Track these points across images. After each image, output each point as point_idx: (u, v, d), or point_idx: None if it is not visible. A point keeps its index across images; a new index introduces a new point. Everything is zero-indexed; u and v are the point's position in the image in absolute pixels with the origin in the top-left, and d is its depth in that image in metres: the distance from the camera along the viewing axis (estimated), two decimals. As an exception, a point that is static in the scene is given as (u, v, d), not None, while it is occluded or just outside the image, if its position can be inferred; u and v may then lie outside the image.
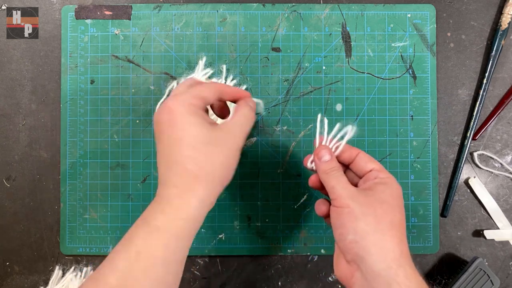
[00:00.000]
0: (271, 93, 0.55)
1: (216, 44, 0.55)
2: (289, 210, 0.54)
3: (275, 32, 0.55)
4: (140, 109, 0.54)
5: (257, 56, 0.55)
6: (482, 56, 0.56)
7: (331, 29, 0.55)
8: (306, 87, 0.55)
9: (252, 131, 0.54)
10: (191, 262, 0.54)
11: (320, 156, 0.40)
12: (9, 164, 0.55)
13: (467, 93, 0.55)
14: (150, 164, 0.54)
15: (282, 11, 0.55)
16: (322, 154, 0.40)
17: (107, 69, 0.55)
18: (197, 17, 0.55)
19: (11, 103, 0.55)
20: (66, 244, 0.54)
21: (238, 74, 0.54)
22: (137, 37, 0.55)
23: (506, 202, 0.55)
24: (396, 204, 0.36)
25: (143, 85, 0.55)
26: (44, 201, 0.55)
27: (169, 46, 0.55)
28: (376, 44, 0.55)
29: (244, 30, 0.55)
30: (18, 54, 0.55)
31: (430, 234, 0.54)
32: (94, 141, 0.54)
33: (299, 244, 0.54)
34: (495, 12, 0.56)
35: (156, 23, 0.55)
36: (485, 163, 0.55)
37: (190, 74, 0.52)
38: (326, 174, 0.38)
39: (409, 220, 0.54)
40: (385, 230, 0.34)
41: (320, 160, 0.39)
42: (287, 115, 0.54)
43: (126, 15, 0.55)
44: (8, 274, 0.54)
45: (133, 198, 0.54)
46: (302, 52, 0.55)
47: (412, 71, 0.55)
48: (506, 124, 0.55)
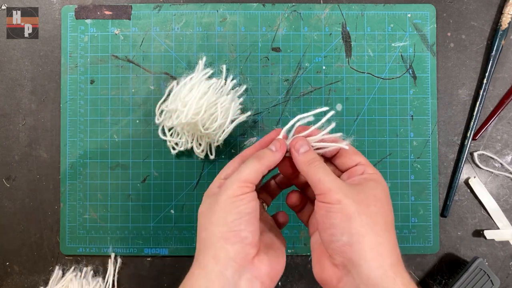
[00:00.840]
0: (271, 93, 0.55)
1: (216, 44, 0.55)
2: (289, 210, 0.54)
3: (275, 32, 0.55)
4: (140, 109, 0.54)
5: (257, 56, 0.55)
6: (482, 56, 0.56)
7: (331, 29, 0.55)
8: (306, 87, 0.54)
9: (252, 130, 0.54)
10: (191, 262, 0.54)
11: (297, 147, 0.34)
12: (9, 164, 0.55)
13: (467, 93, 0.55)
14: (150, 164, 0.54)
15: (282, 11, 0.55)
16: (299, 144, 0.34)
17: (107, 69, 0.55)
18: (197, 17, 0.55)
19: (11, 103, 0.55)
20: (66, 244, 0.54)
21: (238, 74, 0.54)
22: (137, 37, 0.55)
23: (506, 202, 0.55)
24: (387, 202, 0.32)
25: (143, 85, 0.55)
26: (44, 201, 0.55)
27: (169, 46, 0.55)
28: (376, 44, 0.55)
29: (244, 30, 0.55)
30: (18, 54, 0.55)
31: (430, 234, 0.54)
32: (94, 141, 0.54)
33: (299, 244, 0.54)
34: (495, 12, 0.56)
35: (156, 23, 0.55)
36: (485, 163, 0.55)
37: (190, 74, 0.51)
38: (309, 165, 0.33)
39: (409, 220, 0.54)
40: (381, 232, 0.30)
41: (298, 152, 0.34)
42: (287, 115, 0.54)
43: (126, 15, 0.55)
44: (8, 274, 0.54)
45: (133, 198, 0.54)
46: (302, 52, 0.55)
47: (412, 71, 0.55)
48: (506, 124, 0.55)
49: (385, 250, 0.30)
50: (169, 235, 0.54)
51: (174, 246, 0.54)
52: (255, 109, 0.54)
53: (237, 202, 0.32)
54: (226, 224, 0.32)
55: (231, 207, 0.32)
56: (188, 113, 0.48)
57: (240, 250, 0.32)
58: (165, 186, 0.54)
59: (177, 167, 0.54)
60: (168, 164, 0.54)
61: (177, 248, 0.54)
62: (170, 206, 0.54)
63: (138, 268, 0.54)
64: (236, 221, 0.32)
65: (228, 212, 0.32)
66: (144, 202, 0.54)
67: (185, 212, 0.54)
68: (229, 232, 0.32)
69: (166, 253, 0.54)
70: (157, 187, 0.54)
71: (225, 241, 0.31)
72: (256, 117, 0.54)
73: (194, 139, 0.52)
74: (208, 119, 0.49)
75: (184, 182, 0.54)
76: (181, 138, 0.52)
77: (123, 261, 0.54)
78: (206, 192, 0.36)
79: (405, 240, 0.54)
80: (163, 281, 0.54)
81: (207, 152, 0.53)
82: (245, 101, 0.54)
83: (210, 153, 0.53)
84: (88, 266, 0.54)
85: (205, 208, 0.34)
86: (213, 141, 0.52)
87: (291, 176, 0.37)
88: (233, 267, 0.31)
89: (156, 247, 0.54)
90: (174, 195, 0.54)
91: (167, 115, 0.51)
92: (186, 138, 0.52)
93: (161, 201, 0.54)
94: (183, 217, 0.54)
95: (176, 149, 0.53)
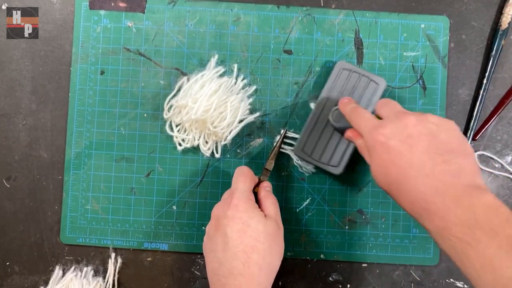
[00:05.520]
0: (280, 95, 0.55)
1: (228, 43, 0.55)
2: (291, 213, 0.54)
3: (288, 34, 0.55)
4: (149, 103, 0.54)
5: (268, 58, 0.55)
6: (482, 56, 0.56)
7: (344, 35, 0.55)
8: (316, 91, 0.54)
9: (259, 131, 0.54)
10: (191, 262, 0.54)
11: (343, 101, 0.46)
12: (9, 164, 0.55)
13: (467, 93, 0.55)
14: (155, 158, 0.54)
15: (296, 14, 0.55)
16: (343, 100, 0.46)
17: (118, 61, 0.55)
18: (211, 15, 0.55)
19: (11, 103, 0.55)
20: (66, 234, 0.54)
21: (248, 74, 0.54)
22: (150, 31, 0.55)
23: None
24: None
25: (153, 79, 0.54)
26: (44, 201, 0.54)
27: (182, 42, 0.55)
28: (388, 53, 0.55)
29: (257, 31, 0.55)
30: (18, 54, 0.55)
31: (431, 245, 0.54)
32: (101, 132, 0.54)
33: (299, 248, 0.54)
34: (495, 12, 0.56)
35: (170, 18, 0.55)
36: (485, 163, 0.55)
37: (201, 71, 0.51)
38: (350, 111, 0.43)
39: (410, 231, 0.54)
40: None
41: (344, 104, 0.46)
42: (294, 118, 0.54)
43: (140, 8, 0.55)
44: (8, 274, 0.54)
45: (136, 192, 0.54)
46: (313, 56, 0.55)
47: (422, 81, 0.55)
48: (507, 124, 0.55)
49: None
50: (170, 231, 0.54)
51: (174, 242, 0.54)
52: (264, 110, 0.54)
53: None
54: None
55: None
56: (198, 110, 0.48)
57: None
58: (168, 182, 0.54)
59: (182, 164, 0.54)
60: (173, 160, 0.54)
61: (177, 244, 0.54)
62: (172, 202, 0.54)
63: (138, 268, 0.54)
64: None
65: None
66: (146, 196, 0.54)
67: (187, 209, 0.54)
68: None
69: (166, 249, 0.54)
70: (160, 182, 0.54)
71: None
72: (264, 118, 0.54)
73: (202, 137, 0.52)
74: (217, 117, 0.49)
75: (188, 179, 0.54)
76: (188, 134, 0.52)
77: (123, 261, 0.54)
78: None
79: (405, 250, 0.54)
80: (163, 281, 0.54)
81: (213, 150, 0.53)
82: (254, 102, 0.54)
83: (216, 152, 0.53)
84: (88, 266, 0.54)
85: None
86: (220, 140, 0.52)
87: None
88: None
89: (156, 241, 0.54)
90: (177, 191, 0.54)
91: (176, 111, 0.51)
92: (194, 135, 0.52)
93: (164, 196, 0.54)
94: (185, 213, 0.54)
95: (183, 145, 0.53)
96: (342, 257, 0.54)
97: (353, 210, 0.54)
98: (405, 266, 0.54)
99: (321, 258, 0.54)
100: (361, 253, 0.54)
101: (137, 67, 0.55)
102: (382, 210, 0.54)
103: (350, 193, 0.54)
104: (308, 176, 0.54)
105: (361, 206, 0.54)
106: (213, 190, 0.54)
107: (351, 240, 0.54)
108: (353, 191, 0.54)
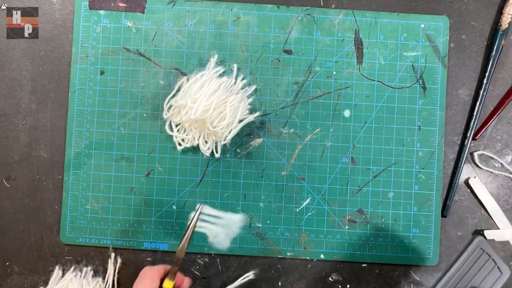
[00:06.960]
0: (280, 95, 0.55)
1: (228, 43, 0.55)
2: (290, 213, 0.54)
3: (287, 34, 0.55)
4: (149, 103, 0.54)
5: (268, 57, 0.55)
6: (482, 56, 0.56)
7: (344, 35, 0.55)
8: (316, 91, 0.54)
9: (258, 131, 0.54)
10: (191, 262, 0.54)
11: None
12: (9, 164, 0.55)
13: (467, 93, 0.55)
14: (155, 158, 0.54)
15: (296, 14, 0.55)
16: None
17: (118, 61, 0.55)
18: (210, 15, 0.55)
19: (11, 103, 0.55)
20: (66, 234, 0.54)
21: (248, 74, 0.54)
22: (150, 31, 0.55)
23: (506, 202, 0.55)
24: None
25: (153, 79, 0.54)
26: (44, 201, 0.54)
27: (181, 42, 0.55)
28: (388, 53, 0.55)
29: (257, 31, 0.55)
30: (18, 54, 0.55)
31: (431, 245, 0.54)
32: (100, 132, 0.54)
33: (298, 248, 0.54)
34: (495, 12, 0.56)
35: (170, 18, 0.55)
36: (485, 163, 0.55)
37: (201, 71, 0.51)
38: None
39: (410, 231, 0.54)
40: None
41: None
42: (294, 118, 0.54)
43: (140, 8, 0.55)
44: (8, 274, 0.54)
45: (136, 192, 0.54)
46: (313, 56, 0.55)
47: (422, 81, 0.55)
48: (507, 124, 0.55)
49: None
50: (170, 230, 0.54)
51: (174, 242, 0.54)
52: (263, 110, 0.54)
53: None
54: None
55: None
56: (198, 110, 0.47)
57: None
58: (168, 182, 0.54)
59: (182, 163, 0.54)
60: (173, 160, 0.54)
61: (177, 244, 0.53)
62: (172, 201, 0.54)
63: (138, 268, 0.53)
64: None
65: None
66: (146, 196, 0.54)
67: (187, 208, 0.54)
68: None
69: (166, 249, 0.54)
70: (160, 182, 0.54)
71: None
72: (263, 118, 0.54)
73: (201, 136, 0.52)
74: (216, 117, 0.49)
75: (187, 179, 0.54)
76: (188, 134, 0.52)
77: (123, 261, 0.54)
78: None
79: (405, 250, 0.54)
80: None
81: (213, 150, 0.53)
82: (253, 102, 0.54)
83: (215, 151, 0.53)
84: (88, 266, 0.54)
85: None
86: (219, 139, 0.52)
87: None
88: None
89: (156, 241, 0.54)
90: (177, 191, 0.54)
91: (175, 111, 0.51)
92: (193, 135, 0.52)
93: (163, 196, 0.54)
94: (185, 213, 0.54)
95: (182, 145, 0.53)
96: (342, 257, 0.54)
97: (353, 210, 0.54)
98: (405, 266, 0.54)
99: (321, 258, 0.54)
100: (361, 253, 0.54)
101: (136, 67, 0.55)
102: (382, 210, 0.54)
103: (350, 193, 0.54)
104: (308, 176, 0.54)
105: (361, 206, 0.54)
106: (213, 190, 0.54)
107: (351, 240, 0.54)
108: (353, 191, 0.54)
